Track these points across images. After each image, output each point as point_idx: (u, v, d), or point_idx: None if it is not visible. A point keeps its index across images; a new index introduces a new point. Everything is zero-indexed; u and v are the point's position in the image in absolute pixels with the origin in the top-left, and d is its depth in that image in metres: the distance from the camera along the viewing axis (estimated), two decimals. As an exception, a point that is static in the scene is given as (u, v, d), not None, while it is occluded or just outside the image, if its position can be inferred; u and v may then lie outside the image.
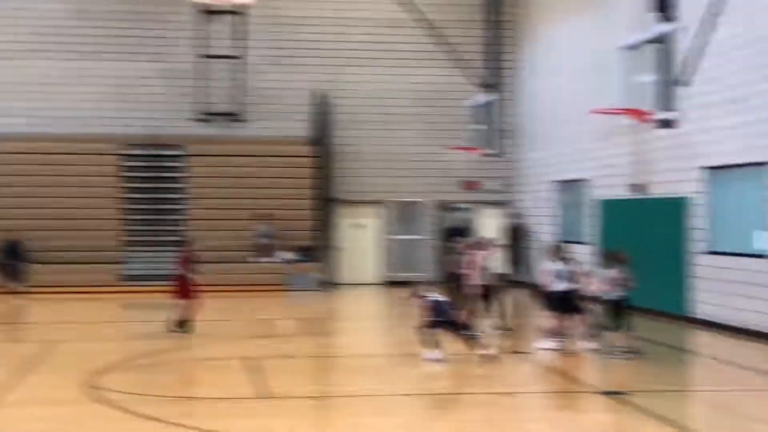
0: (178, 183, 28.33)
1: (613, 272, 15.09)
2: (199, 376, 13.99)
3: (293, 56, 29.23)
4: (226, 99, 28.96)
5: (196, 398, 12.26)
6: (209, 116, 28.86)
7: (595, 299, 15.41)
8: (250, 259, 27.33)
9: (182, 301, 17.28)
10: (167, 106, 28.81)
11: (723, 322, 18.12)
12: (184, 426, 10.32)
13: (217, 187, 27.94)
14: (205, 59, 28.47)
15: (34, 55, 28.47)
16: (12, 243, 26.32)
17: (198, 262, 17.76)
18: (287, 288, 26.74)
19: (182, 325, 17.21)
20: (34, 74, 28.41)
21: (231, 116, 28.98)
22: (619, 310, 15.01)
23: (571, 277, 15.67)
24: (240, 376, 13.59)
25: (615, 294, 15.02)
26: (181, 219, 27.98)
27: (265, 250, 27.24)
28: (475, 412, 11.52)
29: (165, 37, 28.82)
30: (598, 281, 15.25)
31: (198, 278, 17.64)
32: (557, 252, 16.16)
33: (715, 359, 15.35)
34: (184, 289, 17.36)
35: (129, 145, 28.34)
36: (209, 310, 22.58)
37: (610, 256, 15.53)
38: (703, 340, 17.53)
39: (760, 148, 17.04)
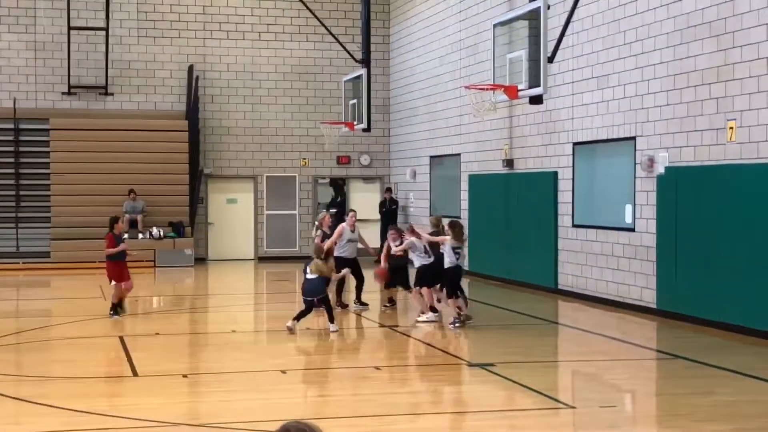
0: (42, 158, 27.48)
1: (453, 241, 15.35)
2: (63, 355, 13.60)
3: (161, 28, 28.63)
4: (93, 72, 28.19)
5: (59, 378, 11.91)
6: (75, 89, 28.04)
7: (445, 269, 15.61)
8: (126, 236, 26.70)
9: (112, 283, 16.31)
10: (31, 78, 27.88)
11: (588, 293, 18.57)
12: (46, 405, 10.02)
13: (84, 162, 27.21)
14: (71, 31, 27.60)
15: None
16: None
17: (121, 240, 16.63)
18: (158, 264, 26.29)
19: (115, 307, 16.34)
20: None
21: (98, 89, 28.22)
22: (455, 278, 15.53)
23: (428, 250, 15.85)
24: (107, 355, 13.29)
25: (453, 262, 15.32)
26: (45, 195, 27.19)
27: (132, 226, 26.66)
28: (346, 386, 11.52)
29: (29, 8, 27.83)
30: (446, 251, 15.45)
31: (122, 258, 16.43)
32: (411, 230, 16.50)
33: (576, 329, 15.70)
34: (111, 272, 16.32)
35: (-9, 118, 27.37)
36: (76, 288, 22.12)
37: (451, 225, 15.66)
38: (568, 311, 17.92)
39: (622, 125, 17.46)
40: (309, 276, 14.62)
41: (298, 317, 14.65)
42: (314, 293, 14.56)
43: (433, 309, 15.77)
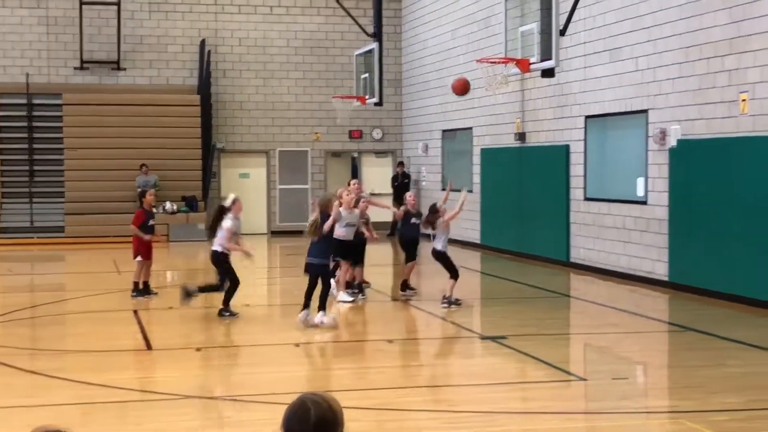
0: (55, 133, 27.56)
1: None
2: (78, 329, 13.70)
3: (173, 2, 28.59)
4: (105, 47, 28.21)
5: (74, 351, 12.01)
6: (87, 64, 28.08)
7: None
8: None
9: (138, 259, 15.87)
10: (44, 53, 27.93)
11: (600, 266, 18.58)
12: (63, 379, 10.12)
13: (97, 137, 27.27)
14: (83, 5, 27.60)
15: None
16: None
17: (151, 216, 16.19)
18: (171, 239, 26.39)
19: (137, 287, 15.87)
20: None
21: (110, 64, 28.25)
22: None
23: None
24: (122, 328, 13.38)
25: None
26: (59, 170, 27.30)
27: (141, 196, 26.61)
28: (358, 359, 11.58)
29: (40, -18, 27.84)
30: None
31: (149, 236, 16.02)
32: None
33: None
34: (138, 248, 15.88)
35: (4, 93, 27.43)
36: (89, 262, 22.24)
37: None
38: (580, 284, 17.94)
39: (634, 98, 17.41)
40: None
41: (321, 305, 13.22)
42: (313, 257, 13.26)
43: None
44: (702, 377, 10.12)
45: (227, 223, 13.90)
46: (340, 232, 14.44)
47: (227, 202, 14.17)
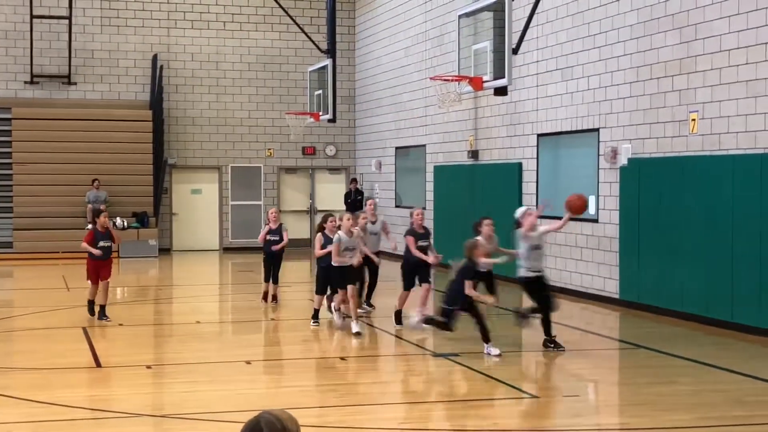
0: (4, 147, 27.20)
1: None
2: (25, 346, 13.49)
3: (125, 17, 28.40)
4: (56, 61, 27.93)
5: (21, 369, 11.81)
6: (38, 78, 27.77)
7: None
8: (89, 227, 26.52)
9: (90, 282, 15.09)
10: (-7, 66, 27.60)
11: (552, 283, 18.61)
12: (9, 397, 9.94)
13: (47, 152, 26.97)
14: (33, 19, 27.31)
15: None
16: None
17: (103, 237, 15.15)
18: (122, 254, 26.12)
19: (91, 305, 15.15)
20: None
21: (61, 78, 27.97)
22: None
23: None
24: (70, 346, 13.19)
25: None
26: (7, 185, 26.93)
27: (96, 216, 26.42)
28: (309, 377, 11.52)
29: (-10, -5, 27.54)
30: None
31: (103, 255, 15.03)
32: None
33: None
34: (88, 267, 15.15)
35: (-49, 107, 27.07)
36: (38, 278, 21.94)
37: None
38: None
39: (586, 117, 17.56)
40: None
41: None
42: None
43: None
44: (653, 395, 10.18)
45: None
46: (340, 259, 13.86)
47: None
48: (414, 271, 14.46)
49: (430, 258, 14.34)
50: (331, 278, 14.12)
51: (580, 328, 14.64)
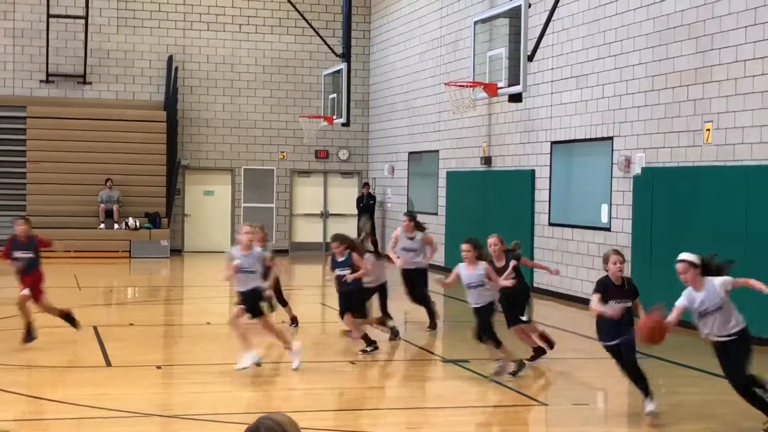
0: (18, 146, 27.31)
1: None
2: (36, 344, 13.50)
3: (141, 18, 28.50)
4: (72, 60, 28.03)
5: (31, 366, 11.84)
6: (53, 77, 27.87)
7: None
8: (102, 226, 26.60)
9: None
10: (9, 65, 27.70)
11: (563, 291, 18.64)
12: (18, 394, 9.97)
13: (61, 151, 27.06)
14: (50, 18, 27.42)
15: None
16: None
17: (17, 248, 13.06)
18: (133, 255, 26.18)
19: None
20: None
21: (76, 78, 28.06)
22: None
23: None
24: (81, 344, 13.21)
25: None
26: (21, 183, 27.03)
27: (108, 216, 26.54)
28: (319, 380, 11.51)
29: (8, -6, 27.66)
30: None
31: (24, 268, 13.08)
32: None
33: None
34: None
35: (-33, 104, 27.19)
36: (49, 277, 21.94)
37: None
38: (542, 309, 17.96)
39: (600, 125, 17.53)
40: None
41: None
42: None
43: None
44: (661, 405, 10.13)
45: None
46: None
47: None
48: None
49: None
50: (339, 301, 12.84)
51: (591, 337, 14.58)
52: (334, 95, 25.00)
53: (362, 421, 9.41)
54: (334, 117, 24.85)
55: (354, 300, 12.60)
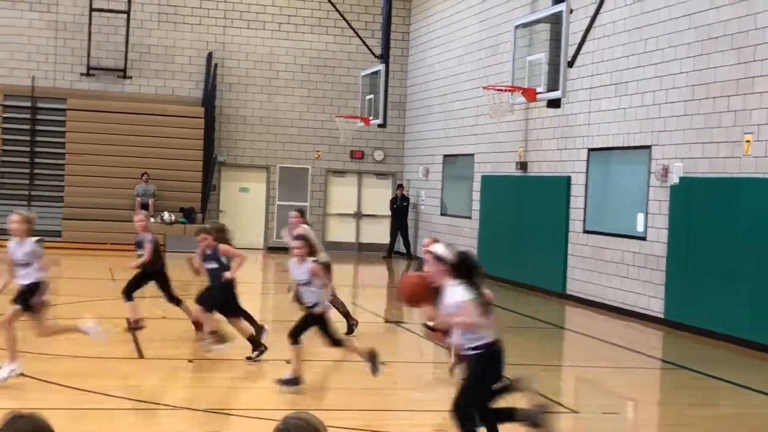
0: (58, 137, 27.57)
1: None
2: (70, 335, 13.60)
3: (182, 14, 28.69)
4: (113, 54, 28.26)
5: (64, 356, 11.94)
6: (94, 71, 28.11)
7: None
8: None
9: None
10: (51, 58, 27.98)
11: (596, 299, 18.53)
12: (52, 383, 10.05)
13: (99, 144, 27.29)
14: (92, 12, 27.67)
15: None
16: None
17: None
18: (168, 249, 26.30)
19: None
20: None
21: (116, 72, 28.29)
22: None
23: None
24: (114, 336, 13.28)
25: None
26: (59, 174, 27.29)
27: (144, 210, 26.67)
28: (350, 380, 11.52)
29: (51, -14, 27.94)
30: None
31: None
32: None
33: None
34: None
35: (9, 95, 27.46)
36: (84, 268, 22.16)
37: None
38: (575, 317, 17.89)
39: (638, 133, 17.42)
40: None
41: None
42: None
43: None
44: (693, 416, 10.07)
45: None
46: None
47: None
48: None
49: None
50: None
51: (623, 346, 14.51)
52: (371, 96, 25.02)
53: (391, 422, 9.40)
54: (371, 118, 24.86)
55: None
